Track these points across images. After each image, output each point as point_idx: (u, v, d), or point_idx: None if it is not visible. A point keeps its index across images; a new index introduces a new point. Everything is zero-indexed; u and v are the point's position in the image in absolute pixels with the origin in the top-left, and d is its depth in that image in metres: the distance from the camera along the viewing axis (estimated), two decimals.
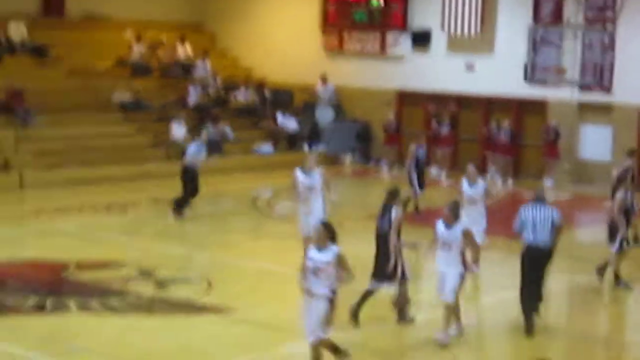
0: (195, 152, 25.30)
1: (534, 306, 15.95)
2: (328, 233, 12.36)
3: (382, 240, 15.48)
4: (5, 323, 13.95)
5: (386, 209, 15.58)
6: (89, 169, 29.49)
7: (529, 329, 15.47)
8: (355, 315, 15.02)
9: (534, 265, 16.23)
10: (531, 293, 16.10)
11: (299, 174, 18.80)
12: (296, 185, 18.80)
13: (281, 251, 21.08)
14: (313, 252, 12.38)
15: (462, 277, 14.72)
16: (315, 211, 18.33)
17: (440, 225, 14.73)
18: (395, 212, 15.41)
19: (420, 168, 26.19)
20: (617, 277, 18.53)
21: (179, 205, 24.23)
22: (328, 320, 12.08)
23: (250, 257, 20.36)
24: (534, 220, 16.23)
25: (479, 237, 17.65)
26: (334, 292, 12.16)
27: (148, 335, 15.13)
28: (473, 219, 18.11)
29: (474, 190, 19.21)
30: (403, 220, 15.58)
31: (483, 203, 19.47)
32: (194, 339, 14.75)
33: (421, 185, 26.05)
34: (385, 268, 15.21)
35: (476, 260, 17.01)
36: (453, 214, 14.79)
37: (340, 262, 12.25)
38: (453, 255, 14.69)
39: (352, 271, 12.24)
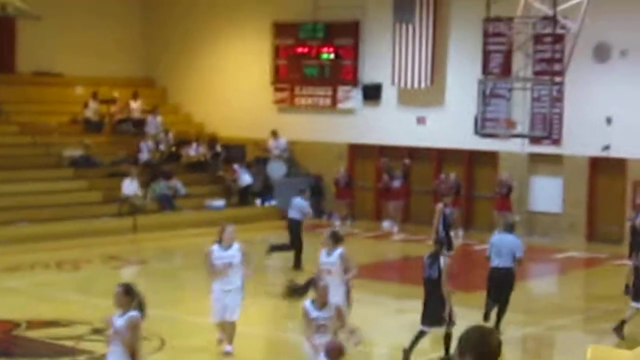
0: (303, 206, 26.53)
1: (493, 308, 18.64)
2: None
3: (432, 287, 16.52)
4: None
5: (434, 257, 16.69)
6: (40, 226, 29.39)
7: (486, 316, 18.40)
8: (407, 358, 16.44)
9: (497, 285, 18.76)
10: (493, 303, 18.67)
11: (215, 249, 16.92)
12: (211, 262, 16.89)
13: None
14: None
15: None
16: (233, 289, 16.73)
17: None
18: (444, 260, 16.68)
19: (447, 227, 25.61)
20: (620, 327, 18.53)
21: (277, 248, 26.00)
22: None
23: (202, 314, 20.19)
24: (499, 246, 19.05)
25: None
26: None
27: None
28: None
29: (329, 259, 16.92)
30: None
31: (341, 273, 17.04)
32: None
33: (449, 245, 24.83)
34: (437, 312, 16.33)
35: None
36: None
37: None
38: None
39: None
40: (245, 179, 35.16)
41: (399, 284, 25.05)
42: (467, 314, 18.42)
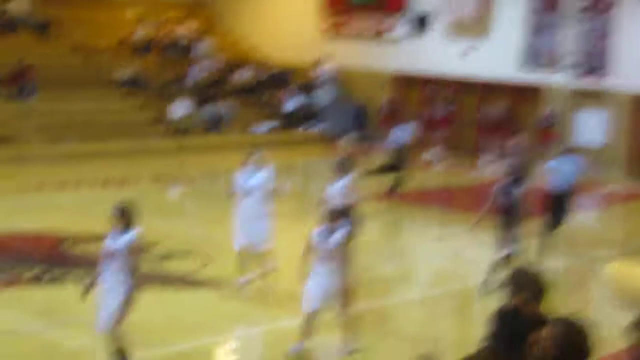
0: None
1: (554, 228, 19.40)
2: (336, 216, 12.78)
3: (512, 210, 16.64)
4: (4, 294, 14.02)
5: (517, 180, 17.00)
6: (90, 144, 29.71)
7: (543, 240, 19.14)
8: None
9: (556, 204, 19.59)
10: (552, 222, 19.42)
11: (243, 173, 16.33)
12: (237, 185, 16.24)
13: (277, 230, 21.16)
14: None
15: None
16: (260, 215, 16.03)
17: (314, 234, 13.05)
18: (517, 189, 16.78)
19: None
20: None
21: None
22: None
23: None
24: (559, 169, 19.96)
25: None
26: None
27: (142, 307, 15.18)
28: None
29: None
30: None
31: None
32: (187, 311, 14.87)
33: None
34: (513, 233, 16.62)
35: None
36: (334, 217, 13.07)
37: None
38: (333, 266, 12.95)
39: None
40: (291, 104, 35.36)
41: (442, 211, 25.20)
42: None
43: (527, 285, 6.96)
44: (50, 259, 17.36)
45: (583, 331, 5.65)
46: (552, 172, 20.09)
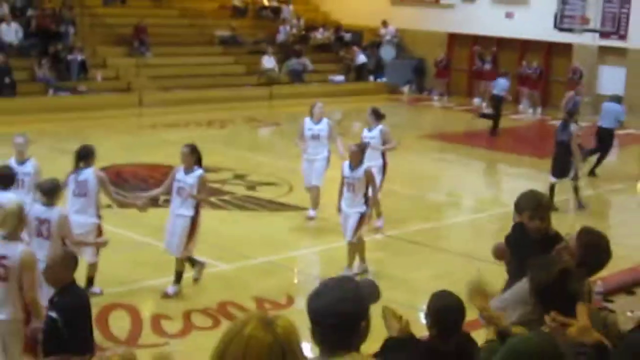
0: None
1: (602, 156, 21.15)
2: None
3: (561, 148, 17.21)
4: (125, 213, 14.26)
5: (565, 124, 17.43)
6: (194, 92, 29.89)
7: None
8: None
9: (601, 140, 21.19)
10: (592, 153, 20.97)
11: (307, 121, 16.10)
12: (302, 132, 16.07)
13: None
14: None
15: (363, 217, 12.86)
16: (319, 158, 15.75)
17: (345, 167, 13.02)
18: (573, 127, 17.27)
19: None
20: None
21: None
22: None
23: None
24: (606, 111, 21.54)
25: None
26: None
27: (239, 226, 15.53)
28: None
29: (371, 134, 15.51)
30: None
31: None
32: (275, 230, 15.05)
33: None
34: (566, 166, 17.11)
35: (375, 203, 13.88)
36: (360, 156, 12.92)
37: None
38: (356, 196, 12.88)
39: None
40: (361, 59, 35.30)
41: (486, 150, 25.19)
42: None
43: (528, 206, 7.09)
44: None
45: (604, 236, 5.74)
46: (604, 112, 21.61)
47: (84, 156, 11.60)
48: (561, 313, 4.40)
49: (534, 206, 7.07)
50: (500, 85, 26.50)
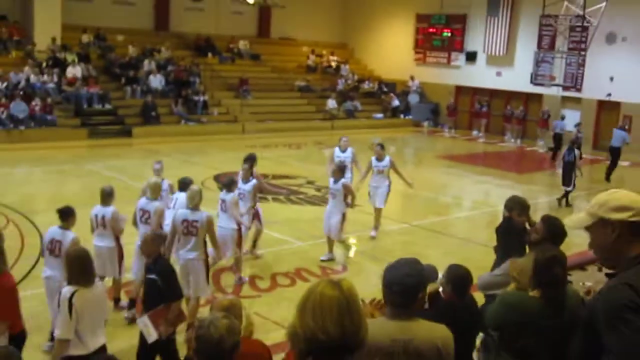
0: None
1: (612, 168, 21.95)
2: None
3: (568, 166, 17.46)
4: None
5: (571, 149, 17.65)
6: (280, 123, 29.96)
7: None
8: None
9: (613, 155, 22.19)
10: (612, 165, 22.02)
11: (336, 150, 15.05)
12: (332, 159, 14.71)
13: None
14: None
15: (344, 216, 12.35)
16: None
17: (330, 181, 12.47)
18: (577, 152, 17.57)
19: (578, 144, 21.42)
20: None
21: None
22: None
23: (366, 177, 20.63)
24: (615, 135, 22.38)
25: (381, 198, 14.16)
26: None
27: (309, 216, 15.58)
28: (378, 182, 14.25)
29: (382, 165, 14.18)
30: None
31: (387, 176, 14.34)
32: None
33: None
34: (570, 179, 17.50)
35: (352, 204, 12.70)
36: (340, 174, 12.29)
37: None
38: (337, 202, 12.31)
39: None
40: (395, 102, 35.20)
41: (481, 167, 25.05)
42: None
43: (516, 206, 7.09)
44: (260, 187, 17.79)
45: (560, 220, 5.70)
46: (614, 136, 22.36)
47: (249, 162, 12.00)
48: (546, 285, 4.38)
49: (520, 207, 7.09)
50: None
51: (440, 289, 5.65)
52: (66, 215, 8.12)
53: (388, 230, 14.58)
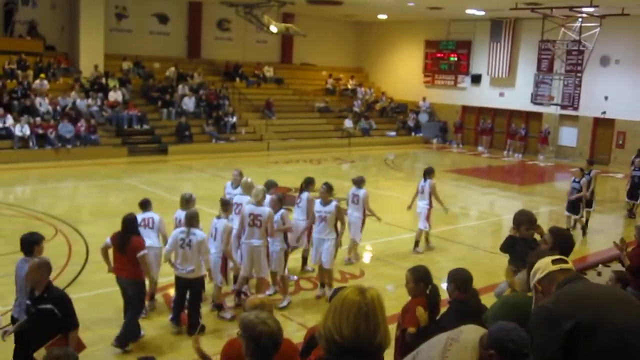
0: None
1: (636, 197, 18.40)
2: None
3: (575, 190, 15.59)
4: None
5: (583, 174, 15.75)
6: (302, 141, 29.97)
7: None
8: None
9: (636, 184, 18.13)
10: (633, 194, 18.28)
11: (227, 186, 11.64)
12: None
13: (399, 186, 21.27)
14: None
15: (336, 242, 10.58)
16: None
17: (317, 203, 10.60)
18: (593, 172, 16.12)
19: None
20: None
21: None
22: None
23: (382, 188, 20.55)
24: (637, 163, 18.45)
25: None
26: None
27: None
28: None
29: (325, 210, 10.54)
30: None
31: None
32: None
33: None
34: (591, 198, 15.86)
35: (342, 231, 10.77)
36: (328, 194, 10.52)
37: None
38: (327, 227, 10.47)
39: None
40: (407, 121, 35.24)
41: (486, 180, 24.93)
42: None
43: (524, 220, 6.90)
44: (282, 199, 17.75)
45: (568, 231, 5.67)
46: (633, 165, 18.64)
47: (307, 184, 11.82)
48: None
49: (528, 221, 6.81)
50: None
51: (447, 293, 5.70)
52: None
53: (402, 238, 14.51)
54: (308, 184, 11.69)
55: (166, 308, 9.70)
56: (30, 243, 6.95)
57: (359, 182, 12.69)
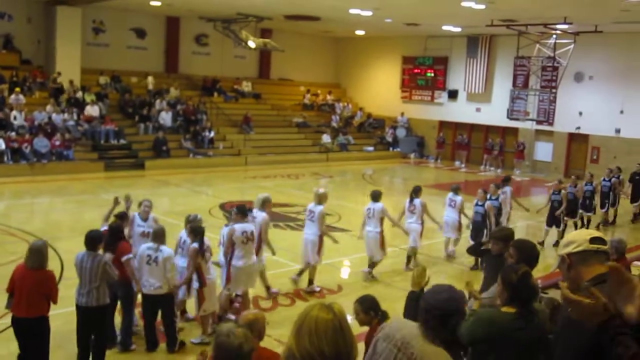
0: None
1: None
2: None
3: (557, 203, 16.57)
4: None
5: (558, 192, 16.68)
6: (279, 156, 29.94)
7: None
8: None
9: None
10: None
11: (136, 217, 9.84)
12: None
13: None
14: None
15: (321, 238, 11.75)
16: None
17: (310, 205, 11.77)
18: (575, 189, 17.26)
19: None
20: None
21: None
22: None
23: (361, 203, 20.49)
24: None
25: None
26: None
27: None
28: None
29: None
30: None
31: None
32: (330, 244, 14.91)
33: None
34: (590, 205, 18.11)
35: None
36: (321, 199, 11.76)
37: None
38: (314, 226, 11.63)
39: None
40: (384, 136, 35.34)
41: (463, 195, 24.99)
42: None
43: (502, 239, 6.66)
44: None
45: (531, 242, 5.60)
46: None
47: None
48: (523, 301, 4.23)
49: (508, 238, 6.63)
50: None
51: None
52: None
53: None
54: (417, 191, 14.20)
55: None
56: (95, 239, 7.74)
57: (376, 196, 12.89)
